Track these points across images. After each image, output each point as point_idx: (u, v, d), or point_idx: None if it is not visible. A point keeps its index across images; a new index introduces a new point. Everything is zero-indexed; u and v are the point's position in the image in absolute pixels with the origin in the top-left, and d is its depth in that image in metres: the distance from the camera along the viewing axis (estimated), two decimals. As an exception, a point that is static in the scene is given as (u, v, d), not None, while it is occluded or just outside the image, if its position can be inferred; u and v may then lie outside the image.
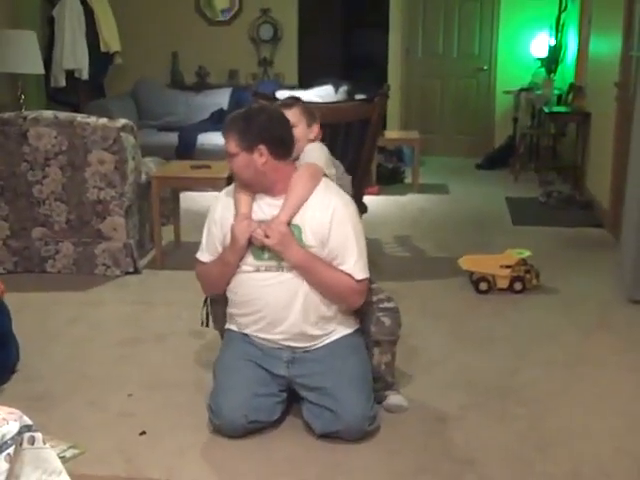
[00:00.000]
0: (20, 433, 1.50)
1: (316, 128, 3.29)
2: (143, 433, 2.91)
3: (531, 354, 3.68)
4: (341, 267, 2.83)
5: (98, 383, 3.34)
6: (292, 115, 3.11)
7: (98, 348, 3.73)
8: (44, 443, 1.55)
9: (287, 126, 2.91)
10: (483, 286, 4.49)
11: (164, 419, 3.03)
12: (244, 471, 2.69)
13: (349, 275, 2.84)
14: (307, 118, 3.25)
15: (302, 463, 2.73)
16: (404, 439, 2.88)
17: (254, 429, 2.86)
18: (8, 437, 1.45)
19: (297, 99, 3.39)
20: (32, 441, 1.53)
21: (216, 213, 2.99)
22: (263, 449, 2.81)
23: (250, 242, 2.83)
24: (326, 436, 2.83)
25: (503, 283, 4.48)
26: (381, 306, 3.05)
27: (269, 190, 2.87)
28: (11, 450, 1.45)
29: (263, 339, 2.93)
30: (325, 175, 2.97)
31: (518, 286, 4.47)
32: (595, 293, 4.52)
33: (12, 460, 1.44)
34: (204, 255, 3.03)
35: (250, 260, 2.87)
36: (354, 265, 2.84)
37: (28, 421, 1.53)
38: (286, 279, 2.83)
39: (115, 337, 3.85)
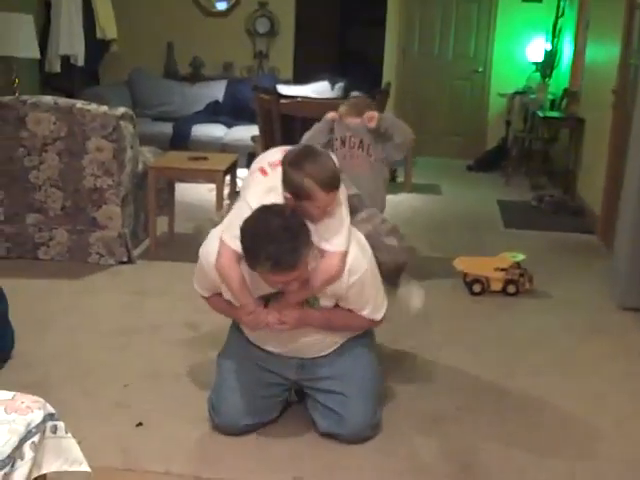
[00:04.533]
0: (44, 422, 1.49)
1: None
2: (140, 424, 2.91)
3: (524, 358, 3.71)
4: (360, 313, 2.81)
5: (93, 372, 3.33)
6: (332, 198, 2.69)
7: (93, 337, 3.71)
8: (66, 432, 1.54)
9: (285, 206, 2.59)
10: (477, 288, 4.50)
11: (160, 410, 3.02)
12: (240, 465, 2.69)
13: (369, 319, 2.85)
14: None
15: (298, 460, 2.73)
16: (400, 439, 2.89)
17: (253, 429, 2.87)
18: (33, 425, 1.45)
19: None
20: (54, 430, 1.53)
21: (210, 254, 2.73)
22: (260, 444, 2.82)
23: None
24: (325, 434, 2.84)
25: (497, 286, 4.51)
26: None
27: None
28: (36, 438, 1.44)
29: (272, 351, 2.90)
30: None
31: (511, 289, 4.50)
32: (587, 299, 4.55)
33: (36, 448, 1.44)
34: (203, 291, 2.90)
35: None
36: (372, 311, 2.83)
37: (51, 409, 1.53)
38: None
39: (110, 326, 3.84)
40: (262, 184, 2.70)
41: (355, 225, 2.83)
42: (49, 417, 1.53)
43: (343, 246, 2.65)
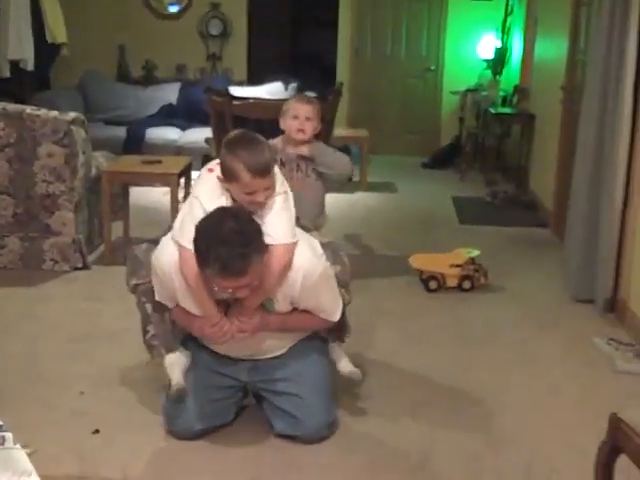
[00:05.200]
0: (-9, 433, 1.48)
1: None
2: (96, 432, 2.89)
3: (481, 351, 3.76)
4: (318, 314, 2.83)
5: (49, 380, 3.29)
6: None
7: (48, 345, 3.68)
8: (14, 443, 1.53)
9: (244, 211, 2.61)
10: (433, 285, 4.55)
11: (117, 417, 3.00)
12: (199, 469, 2.69)
13: (326, 320, 2.87)
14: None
15: (257, 461, 2.74)
16: (358, 437, 2.91)
17: (208, 432, 2.86)
18: (-20, 438, 1.43)
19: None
20: (2, 441, 1.51)
21: (170, 278, 2.70)
22: (218, 447, 2.82)
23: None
24: (282, 435, 2.85)
25: (452, 282, 4.56)
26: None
27: None
28: (-17, 451, 1.43)
29: (224, 354, 2.90)
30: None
31: (467, 285, 4.55)
32: (541, 292, 4.63)
33: (-16, 461, 1.42)
34: (166, 301, 2.83)
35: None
36: (330, 313, 2.85)
37: (-1, 421, 1.52)
38: None
39: (66, 333, 3.80)
40: (209, 181, 2.73)
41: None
42: (-4, 429, 1.52)
43: (286, 237, 2.66)
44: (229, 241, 2.40)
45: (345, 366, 3.04)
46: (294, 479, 2.65)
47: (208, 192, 2.71)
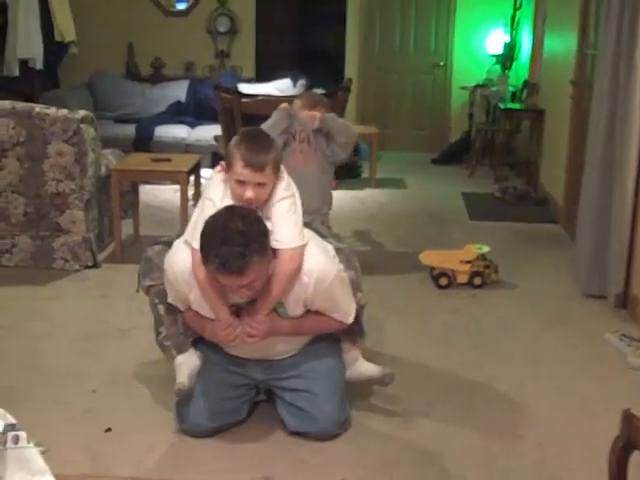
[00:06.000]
0: (4, 432, 1.48)
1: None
2: (109, 430, 2.89)
3: (492, 348, 3.75)
4: (332, 315, 2.83)
5: (61, 379, 3.30)
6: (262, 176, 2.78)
7: (60, 343, 3.68)
8: (28, 442, 1.53)
9: (254, 213, 2.61)
10: (443, 281, 4.54)
11: (129, 415, 3.01)
12: (211, 467, 2.69)
13: (339, 321, 2.86)
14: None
15: (268, 459, 2.74)
16: (370, 434, 2.91)
17: (220, 430, 2.86)
18: (-8, 436, 1.44)
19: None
20: (16, 440, 1.51)
21: (184, 281, 2.71)
22: (230, 445, 2.82)
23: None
24: (294, 432, 2.85)
25: (463, 278, 4.54)
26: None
27: None
28: (-4, 449, 1.43)
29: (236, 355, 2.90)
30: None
31: (477, 281, 4.54)
32: (552, 288, 4.61)
33: (-2, 460, 1.42)
34: (178, 304, 2.85)
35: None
36: (344, 315, 2.84)
37: (12, 420, 1.51)
38: None
39: (76, 332, 3.81)
40: (219, 180, 2.80)
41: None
42: (10, 428, 1.52)
43: (294, 241, 2.67)
44: (230, 239, 2.41)
45: (371, 370, 3.03)
46: (306, 477, 2.65)
47: (219, 192, 2.76)
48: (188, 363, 2.87)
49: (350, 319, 2.86)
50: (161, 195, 6.41)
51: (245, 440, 2.84)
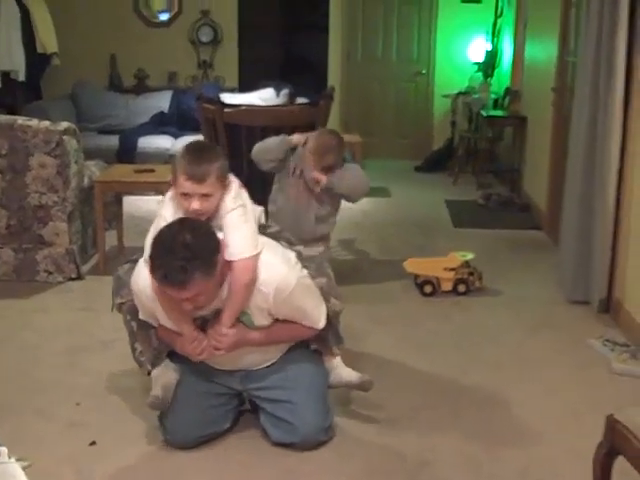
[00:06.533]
0: (-15, 449, 1.48)
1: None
2: (93, 443, 2.88)
3: (478, 355, 3.76)
4: (301, 322, 2.82)
5: (45, 392, 3.28)
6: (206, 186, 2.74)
7: (44, 356, 3.67)
8: (9, 457, 1.52)
9: (207, 227, 2.60)
10: (428, 289, 4.55)
11: (114, 428, 2.99)
12: (196, 478, 2.68)
13: (311, 327, 2.86)
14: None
15: (255, 469, 2.74)
16: (356, 442, 2.91)
17: (206, 440, 2.86)
18: (-26, 453, 1.43)
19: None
20: (-3, 456, 1.51)
21: (149, 298, 2.70)
22: (215, 456, 2.81)
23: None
24: (278, 443, 2.85)
25: (447, 285, 4.56)
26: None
27: None
28: (-22, 466, 1.42)
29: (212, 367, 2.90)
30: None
31: (462, 288, 4.55)
32: (536, 294, 4.63)
33: (-21, 477, 1.42)
34: (150, 321, 2.84)
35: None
36: (313, 321, 2.83)
37: (-7, 436, 1.51)
38: None
39: (61, 345, 3.79)
40: (170, 198, 2.82)
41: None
42: (-10, 444, 1.51)
43: (246, 251, 2.65)
44: (175, 251, 2.40)
45: (350, 375, 3.02)
46: (292, 487, 2.65)
47: (170, 209, 2.78)
48: (163, 376, 2.87)
49: (320, 325, 2.85)
50: (145, 206, 6.38)
51: (231, 451, 2.84)
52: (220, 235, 2.64)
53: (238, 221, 2.73)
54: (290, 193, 3.85)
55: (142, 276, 2.68)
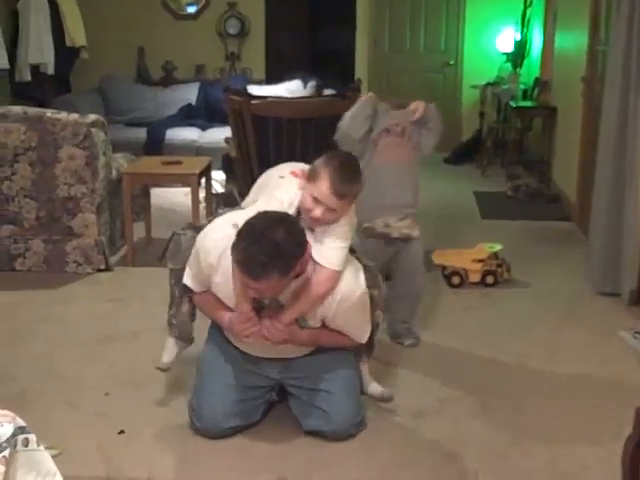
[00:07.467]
0: (14, 435, 1.49)
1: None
2: (122, 432, 2.90)
3: (505, 347, 3.73)
4: (347, 334, 2.84)
5: (73, 382, 3.31)
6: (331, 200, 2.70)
7: (72, 346, 3.70)
8: (38, 445, 1.54)
9: (301, 233, 2.57)
10: (455, 280, 4.52)
11: (142, 417, 3.01)
12: (224, 468, 2.69)
13: (354, 340, 2.88)
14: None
15: (281, 459, 2.74)
16: (383, 434, 2.91)
17: (235, 431, 2.87)
18: (3, 440, 1.45)
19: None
20: (26, 443, 1.52)
21: (210, 262, 2.68)
22: (242, 446, 2.82)
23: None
24: (309, 432, 2.85)
25: (475, 277, 4.53)
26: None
27: None
28: (7, 452, 1.44)
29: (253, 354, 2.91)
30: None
31: (490, 280, 4.52)
32: (565, 286, 4.58)
33: (7, 463, 1.43)
34: (195, 285, 2.86)
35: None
36: (359, 336, 2.87)
37: (21, 422, 1.52)
38: None
39: (89, 335, 3.82)
40: (293, 185, 2.77)
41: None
42: (19, 430, 1.53)
43: (337, 265, 2.67)
44: (262, 245, 2.39)
45: (375, 388, 3.07)
46: (321, 477, 2.64)
47: (290, 196, 2.73)
48: (177, 347, 3.10)
49: (363, 340, 2.90)
50: (172, 198, 6.42)
51: (259, 440, 2.84)
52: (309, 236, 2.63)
53: (343, 236, 2.73)
54: (388, 155, 3.81)
55: (213, 237, 2.69)
